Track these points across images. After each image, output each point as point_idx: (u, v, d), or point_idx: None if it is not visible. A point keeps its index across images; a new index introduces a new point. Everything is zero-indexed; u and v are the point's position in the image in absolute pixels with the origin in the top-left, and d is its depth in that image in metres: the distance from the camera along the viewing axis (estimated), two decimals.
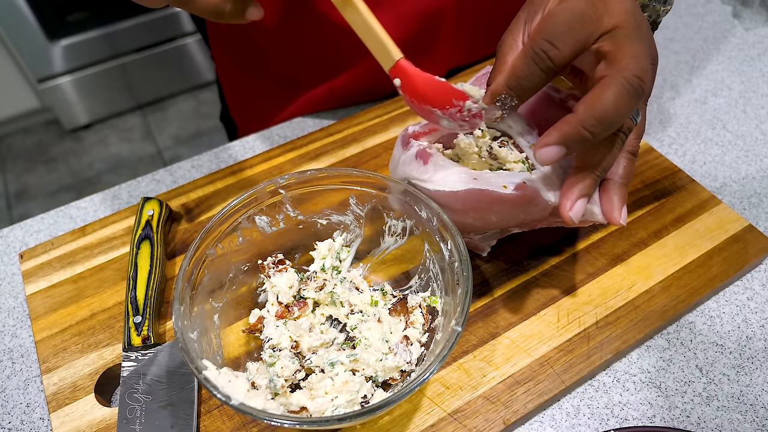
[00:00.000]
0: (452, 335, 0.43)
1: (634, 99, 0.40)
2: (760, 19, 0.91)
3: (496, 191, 0.47)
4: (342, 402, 0.46)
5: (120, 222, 0.64)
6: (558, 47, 0.41)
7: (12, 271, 0.63)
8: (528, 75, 0.43)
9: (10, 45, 1.95)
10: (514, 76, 0.44)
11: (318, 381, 0.48)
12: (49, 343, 0.55)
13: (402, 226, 0.56)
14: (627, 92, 0.39)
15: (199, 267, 0.49)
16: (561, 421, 0.51)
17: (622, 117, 0.40)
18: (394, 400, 0.41)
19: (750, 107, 0.78)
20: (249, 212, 0.53)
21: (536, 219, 0.52)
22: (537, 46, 0.42)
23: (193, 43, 2.25)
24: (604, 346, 0.53)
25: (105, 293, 0.59)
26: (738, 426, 0.51)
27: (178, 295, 0.46)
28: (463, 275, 0.46)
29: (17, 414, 0.53)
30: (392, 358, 0.49)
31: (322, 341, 0.51)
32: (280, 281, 0.54)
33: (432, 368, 0.42)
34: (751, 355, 0.55)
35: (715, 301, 0.59)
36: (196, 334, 0.46)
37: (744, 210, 0.66)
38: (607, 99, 0.39)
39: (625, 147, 0.48)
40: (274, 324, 0.52)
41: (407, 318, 0.52)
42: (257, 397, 0.44)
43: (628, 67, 0.40)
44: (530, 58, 0.42)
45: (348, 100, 0.79)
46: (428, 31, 0.74)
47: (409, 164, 0.51)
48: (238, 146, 0.76)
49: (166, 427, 0.49)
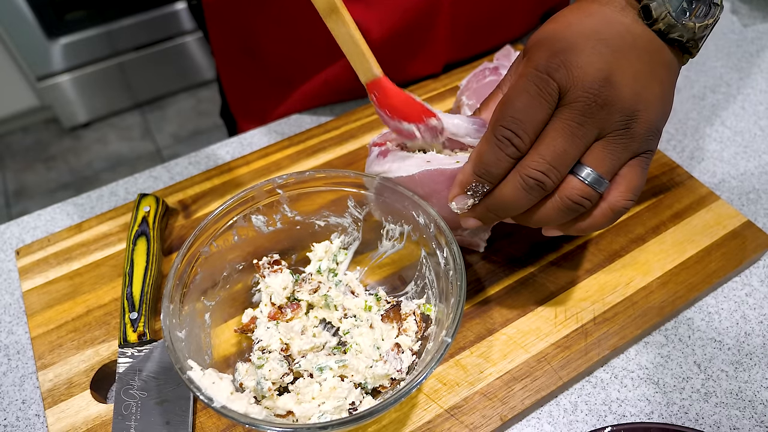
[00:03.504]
0: (442, 346, 0.43)
1: (528, 193, 0.42)
2: (759, 15, 0.91)
3: (449, 168, 0.48)
4: (329, 408, 0.46)
5: (116, 218, 0.64)
6: (519, 135, 0.42)
7: (8, 268, 0.63)
8: (495, 161, 0.43)
9: (9, 43, 1.94)
10: (481, 164, 0.44)
11: (306, 386, 0.47)
12: (45, 339, 0.55)
13: (400, 230, 0.55)
14: (521, 188, 0.42)
15: (192, 265, 0.49)
16: (558, 417, 0.51)
17: (519, 207, 0.44)
18: (380, 409, 0.40)
19: (748, 103, 0.78)
20: (246, 211, 0.53)
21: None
22: (499, 133, 0.42)
23: (192, 42, 2.25)
24: (602, 342, 0.53)
25: (101, 290, 0.58)
26: (736, 422, 0.51)
27: (168, 293, 0.45)
28: (457, 284, 0.45)
29: (13, 411, 0.53)
30: (382, 366, 0.48)
31: (313, 345, 0.51)
32: (275, 282, 0.54)
33: (419, 378, 0.41)
34: (750, 352, 0.55)
35: (713, 297, 0.59)
36: (184, 332, 0.46)
37: (742, 206, 0.66)
38: (506, 193, 0.44)
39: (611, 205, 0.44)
40: (266, 325, 0.52)
41: (400, 325, 0.52)
42: (240, 401, 0.43)
43: (529, 164, 0.42)
44: (494, 145, 0.43)
45: (343, 93, 0.79)
46: (424, 24, 0.74)
47: (372, 165, 0.53)
48: (235, 143, 0.75)
49: (162, 423, 0.49)
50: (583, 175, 0.42)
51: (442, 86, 0.77)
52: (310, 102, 0.79)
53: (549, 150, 0.41)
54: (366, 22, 0.71)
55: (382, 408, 0.40)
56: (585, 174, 0.42)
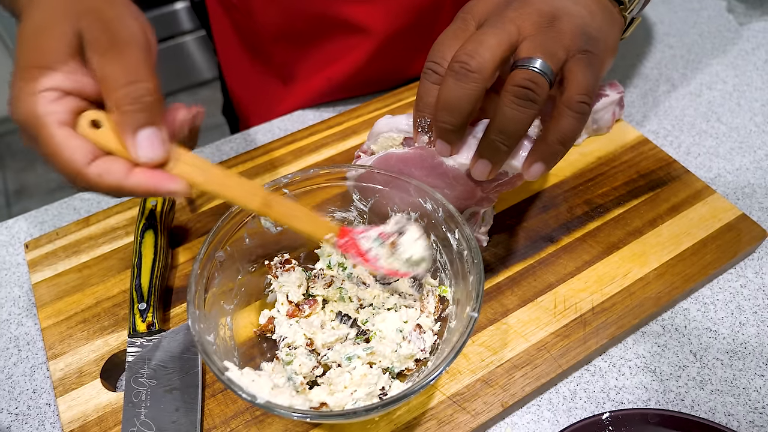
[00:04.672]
0: (469, 321, 0.44)
1: (461, 81, 0.43)
2: (754, 14, 0.92)
3: (397, 152, 0.51)
4: (361, 395, 0.47)
5: (123, 213, 0.65)
6: (438, 61, 0.45)
7: (17, 261, 0.64)
8: (425, 92, 0.46)
9: (9, 43, 1.95)
10: (418, 99, 0.47)
11: (337, 376, 0.48)
12: (55, 330, 0.56)
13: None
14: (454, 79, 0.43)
15: (210, 269, 0.49)
16: (558, 404, 0.52)
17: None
18: (428, 381, 0.41)
19: (744, 100, 0.79)
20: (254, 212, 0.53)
21: (463, 193, 0.52)
22: (426, 68, 0.46)
23: (191, 41, 2.26)
24: (600, 331, 0.54)
25: (109, 282, 0.59)
26: (731, 408, 0.52)
27: (192, 299, 0.45)
28: (474, 263, 0.47)
29: (24, 400, 0.54)
30: (407, 346, 0.50)
31: (337, 337, 0.52)
32: (288, 280, 0.54)
33: (455, 350, 0.42)
34: (744, 341, 0.56)
35: (709, 288, 0.60)
36: (212, 336, 0.46)
37: (738, 200, 0.68)
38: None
39: (567, 103, 0.44)
40: (287, 323, 0.53)
41: (421, 303, 0.53)
42: (282, 395, 0.44)
43: (456, 57, 0.43)
44: (423, 80, 0.46)
45: (345, 91, 0.80)
46: (426, 23, 0.75)
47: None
48: (239, 139, 0.77)
49: (171, 410, 0.50)
50: (519, 63, 0.44)
51: None
52: (312, 99, 0.81)
53: (470, 42, 0.44)
54: (369, 20, 0.73)
55: (428, 382, 0.42)
56: (521, 61, 0.43)
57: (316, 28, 0.75)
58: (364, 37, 0.75)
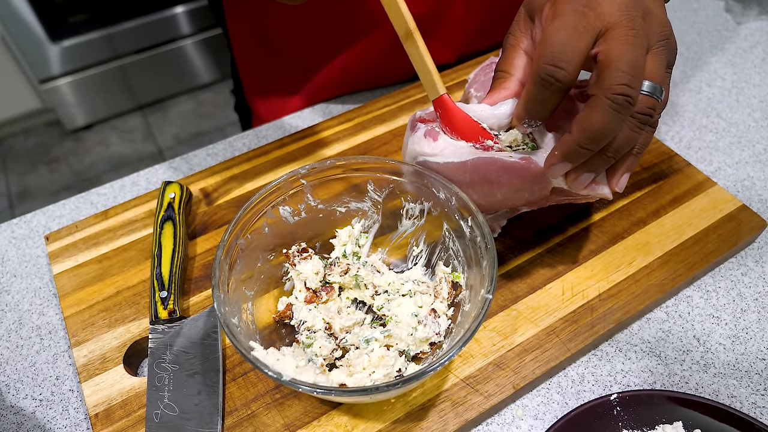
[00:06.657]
0: (484, 303, 0.46)
1: (619, 114, 0.42)
2: (751, 13, 0.95)
3: (503, 159, 0.49)
4: (379, 376, 0.49)
5: (141, 206, 0.67)
6: (562, 68, 0.43)
7: (36, 254, 0.66)
8: (542, 100, 0.46)
9: (12, 46, 1.97)
10: (530, 103, 0.47)
11: (356, 357, 0.50)
12: (78, 318, 0.58)
13: (420, 208, 0.58)
14: (612, 110, 0.42)
15: (233, 255, 0.51)
16: (567, 387, 0.54)
17: (613, 130, 0.43)
18: (447, 358, 0.43)
19: (742, 96, 0.81)
20: (273, 202, 0.55)
21: (539, 197, 0.54)
22: (543, 72, 0.44)
23: (192, 45, 2.28)
24: (607, 316, 0.56)
25: (129, 272, 0.61)
26: (734, 391, 0.54)
27: (217, 283, 0.47)
28: (487, 248, 0.49)
29: (47, 386, 0.56)
30: (422, 329, 0.51)
31: (354, 321, 0.54)
32: (306, 268, 0.56)
33: (471, 330, 0.44)
34: (746, 326, 0.58)
35: (711, 276, 0.62)
36: (236, 319, 0.48)
37: (738, 192, 0.70)
38: (596, 120, 0.42)
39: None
40: (306, 308, 0.55)
41: (435, 289, 0.55)
42: (307, 372, 0.46)
43: (612, 83, 0.41)
44: (539, 85, 0.45)
45: (362, 82, 0.82)
46: (438, 13, 0.77)
47: (419, 143, 0.54)
48: (251, 135, 0.78)
49: (194, 393, 0.51)
50: (645, 88, 0.44)
51: (450, 80, 0.81)
52: (328, 90, 0.82)
53: (624, 62, 0.41)
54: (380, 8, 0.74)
55: (449, 356, 0.43)
56: (646, 86, 0.44)
57: (331, 18, 0.77)
58: (383, 28, 0.76)
